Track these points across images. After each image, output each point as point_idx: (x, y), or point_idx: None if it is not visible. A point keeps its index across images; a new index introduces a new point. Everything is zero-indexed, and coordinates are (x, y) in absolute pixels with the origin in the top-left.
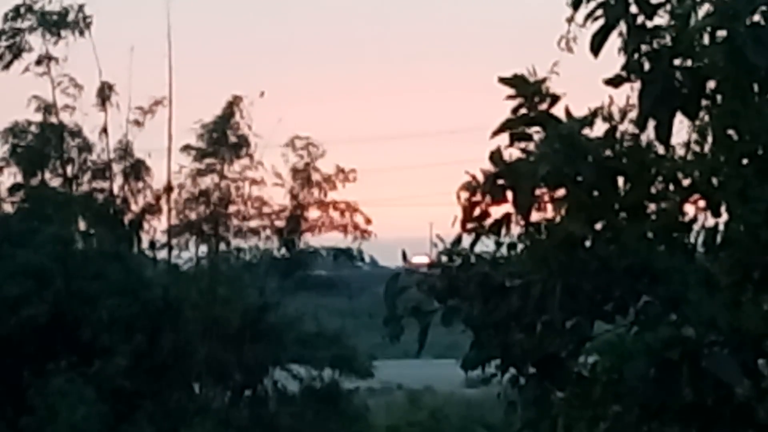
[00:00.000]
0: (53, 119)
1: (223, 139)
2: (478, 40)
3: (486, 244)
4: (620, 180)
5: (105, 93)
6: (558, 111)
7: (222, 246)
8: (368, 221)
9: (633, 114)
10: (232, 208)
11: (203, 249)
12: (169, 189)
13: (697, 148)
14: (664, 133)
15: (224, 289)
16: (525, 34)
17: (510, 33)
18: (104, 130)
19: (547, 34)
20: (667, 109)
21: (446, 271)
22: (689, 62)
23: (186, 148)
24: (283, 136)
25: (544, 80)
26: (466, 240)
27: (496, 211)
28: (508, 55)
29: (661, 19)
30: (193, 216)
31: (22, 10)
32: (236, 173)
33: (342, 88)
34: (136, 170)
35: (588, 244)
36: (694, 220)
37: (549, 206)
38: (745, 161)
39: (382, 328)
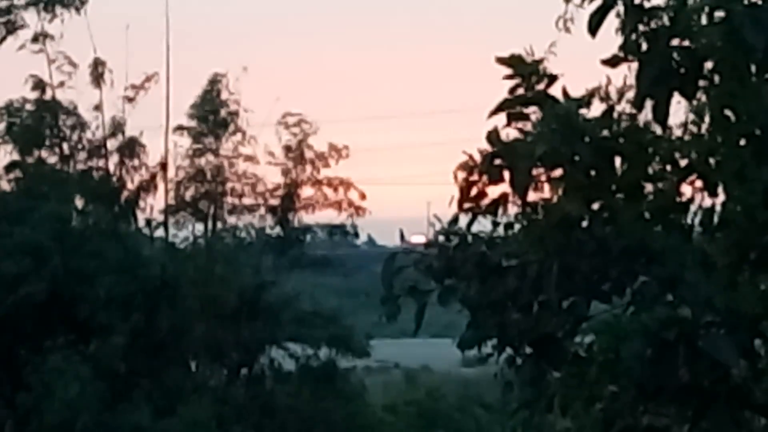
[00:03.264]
0: (49, 97)
1: (212, 117)
2: (476, 19)
3: (483, 224)
4: (617, 160)
5: (98, 70)
6: (555, 91)
7: (218, 224)
8: (362, 196)
9: (630, 94)
10: (226, 186)
11: (199, 227)
12: (164, 167)
13: (694, 129)
14: (661, 113)
15: (221, 268)
16: (522, 14)
17: (507, 12)
18: (98, 108)
19: (545, 14)
20: (664, 89)
21: (443, 251)
22: (687, 42)
23: (179, 128)
24: (280, 115)
25: (541, 60)
26: (464, 220)
27: (493, 191)
28: (506, 35)
29: None
30: (188, 195)
31: None
32: (229, 151)
33: (340, 68)
34: (131, 148)
35: (585, 224)
36: (691, 200)
37: (546, 186)
38: (742, 142)
39: (379, 308)
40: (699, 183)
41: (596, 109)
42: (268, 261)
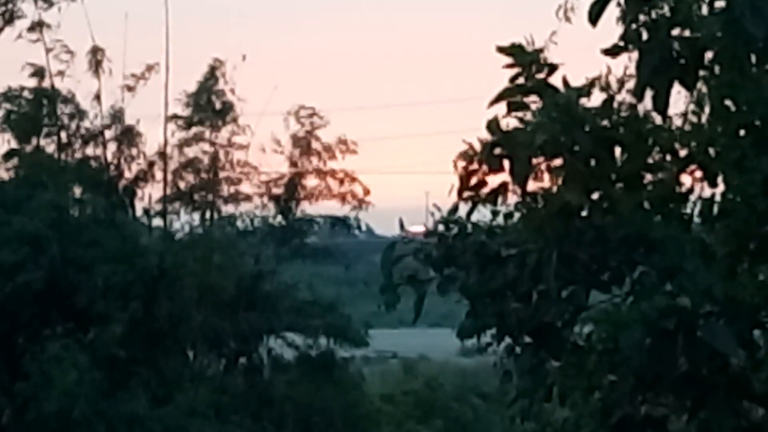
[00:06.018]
0: (47, 85)
1: (208, 105)
2: (477, 8)
3: (482, 213)
4: (617, 150)
5: (96, 58)
6: (556, 80)
7: (216, 213)
8: (367, 192)
9: (630, 84)
10: (222, 175)
11: (197, 216)
12: (163, 155)
13: (694, 119)
14: (661, 103)
15: (219, 257)
16: (523, 3)
17: (508, 2)
18: (97, 97)
19: (546, 4)
20: (664, 79)
21: (443, 240)
22: (687, 32)
23: (174, 117)
24: (279, 103)
25: (542, 50)
26: (463, 209)
27: (493, 180)
28: (507, 24)
29: None
30: (183, 184)
31: None
32: (224, 139)
33: (340, 57)
34: (129, 137)
35: (584, 213)
36: (691, 190)
37: (546, 175)
38: (742, 132)
39: (378, 297)
40: (699, 173)
41: (596, 98)
42: (269, 250)
